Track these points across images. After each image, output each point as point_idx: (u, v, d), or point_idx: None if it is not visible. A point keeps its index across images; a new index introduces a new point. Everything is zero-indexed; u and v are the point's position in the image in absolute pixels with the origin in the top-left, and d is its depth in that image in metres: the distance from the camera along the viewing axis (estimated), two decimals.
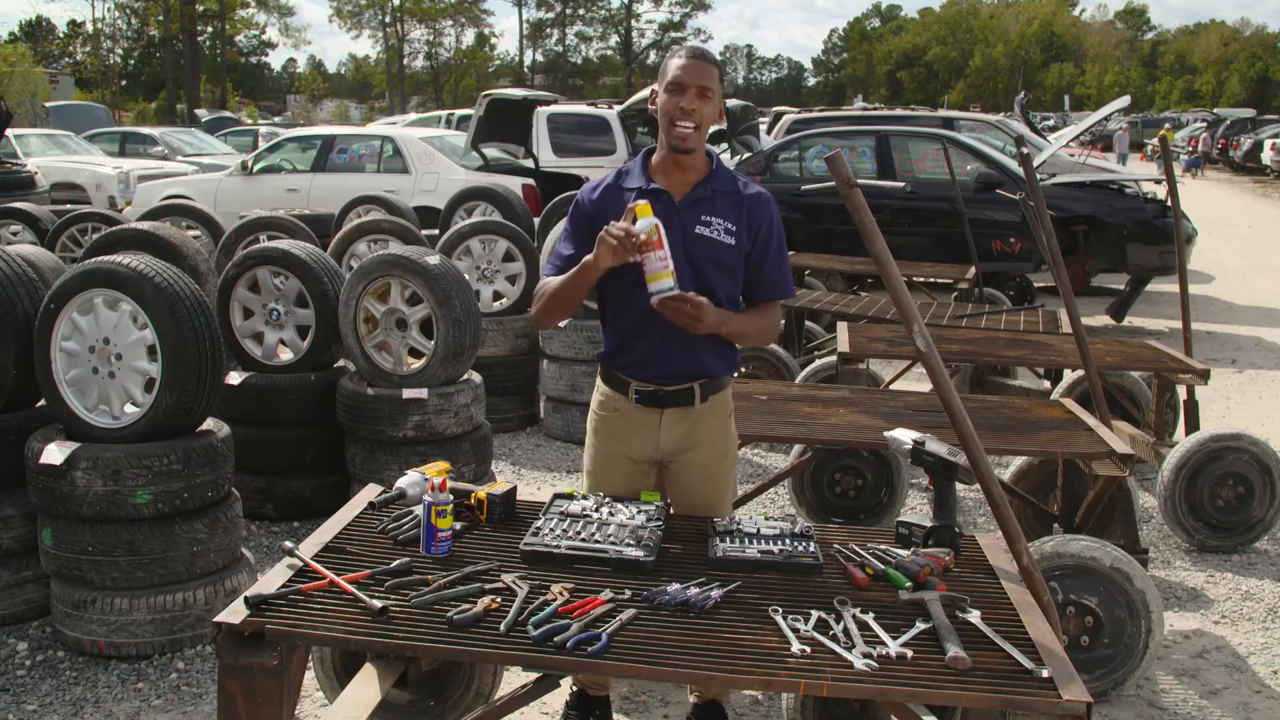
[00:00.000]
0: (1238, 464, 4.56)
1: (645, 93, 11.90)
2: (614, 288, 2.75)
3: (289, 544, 2.42)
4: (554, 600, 2.19)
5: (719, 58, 2.74)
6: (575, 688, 2.93)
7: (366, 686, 2.44)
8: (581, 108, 12.75)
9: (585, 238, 2.72)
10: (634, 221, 2.51)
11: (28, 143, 15.74)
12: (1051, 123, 33.09)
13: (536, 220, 8.13)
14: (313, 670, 2.88)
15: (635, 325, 2.71)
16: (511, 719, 2.61)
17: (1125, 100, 10.44)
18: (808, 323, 7.34)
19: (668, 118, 2.62)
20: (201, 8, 50.89)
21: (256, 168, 11.58)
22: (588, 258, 2.59)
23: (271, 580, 2.26)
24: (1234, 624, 3.94)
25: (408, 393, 4.47)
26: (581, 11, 69.33)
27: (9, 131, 13.45)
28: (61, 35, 59.97)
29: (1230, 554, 4.57)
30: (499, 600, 2.18)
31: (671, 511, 2.87)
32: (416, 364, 4.64)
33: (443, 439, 4.52)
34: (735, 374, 2.90)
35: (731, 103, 12.02)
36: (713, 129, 2.86)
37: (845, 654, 2.01)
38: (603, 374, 2.86)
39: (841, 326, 5.58)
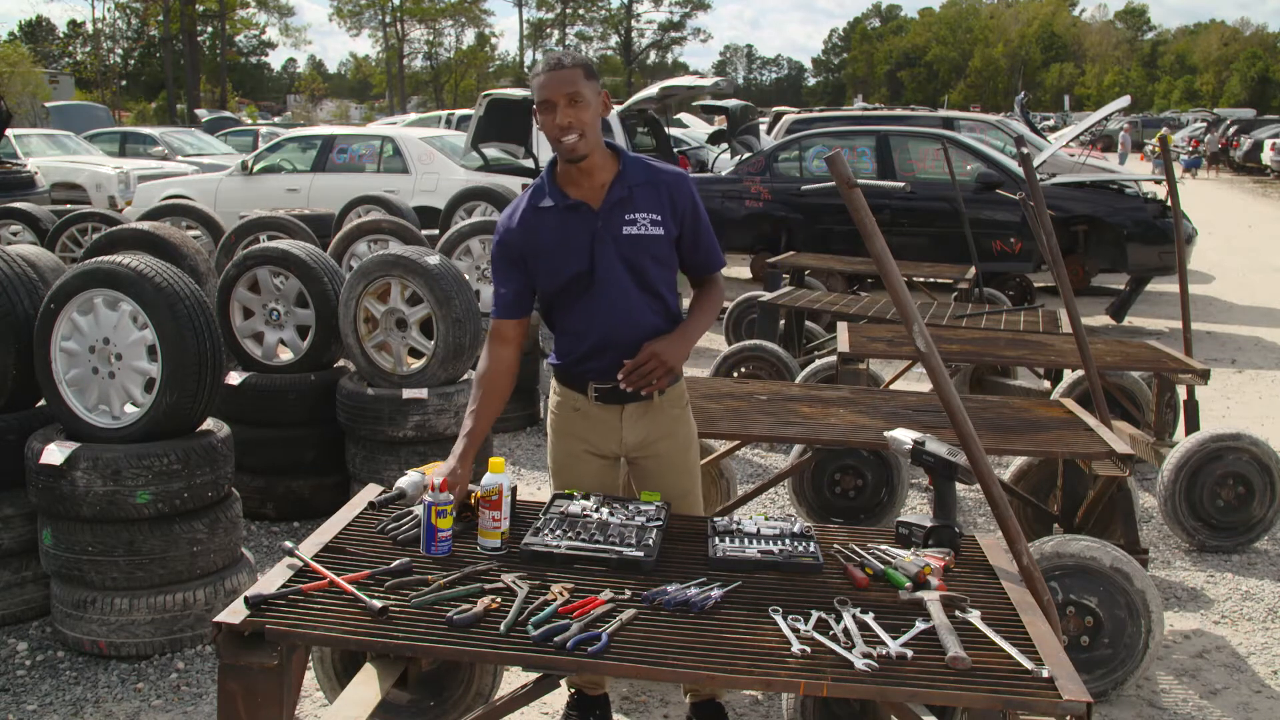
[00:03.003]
0: (1238, 464, 4.56)
1: (647, 91, 11.89)
2: (556, 309, 2.76)
3: (289, 544, 2.42)
4: (554, 600, 2.19)
5: (588, 58, 2.70)
6: (574, 688, 2.93)
7: (366, 686, 2.44)
8: None
9: (517, 271, 2.72)
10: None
11: (28, 143, 15.74)
12: (1051, 123, 33.12)
13: None
14: (313, 670, 2.88)
15: (589, 340, 2.72)
16: (511, 719, 2.61)
17: (1125, 100, 10.44)
18: (808, 323, 7.34)
19: (551, 136, 2.60)
20: (201, 8, 50.89)
21: (256, 168, 11.58)
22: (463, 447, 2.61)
23: (271, 580, 2.26)
24: (1234, 624, 3.94)
25: (408, 393, 4.46)
26: (581, 11, 69.32)
27: (9, 131, 13.46)
28: (61, 35, 60.05)
29: (1230, 554, 4.57)
30: (499, 600, 2.18)
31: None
32: (416, 364, 4.64)
33: (443, 439, 4.52)
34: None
35: (731, 103, 12.03)
36: (712, 129, 2.86)
37: (845, 654, 2.01)
38: (558, 375, 2.85)
39: (841, 326, 5.58)
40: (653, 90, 11.62)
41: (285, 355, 4.89)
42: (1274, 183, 29.72)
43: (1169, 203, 6.85)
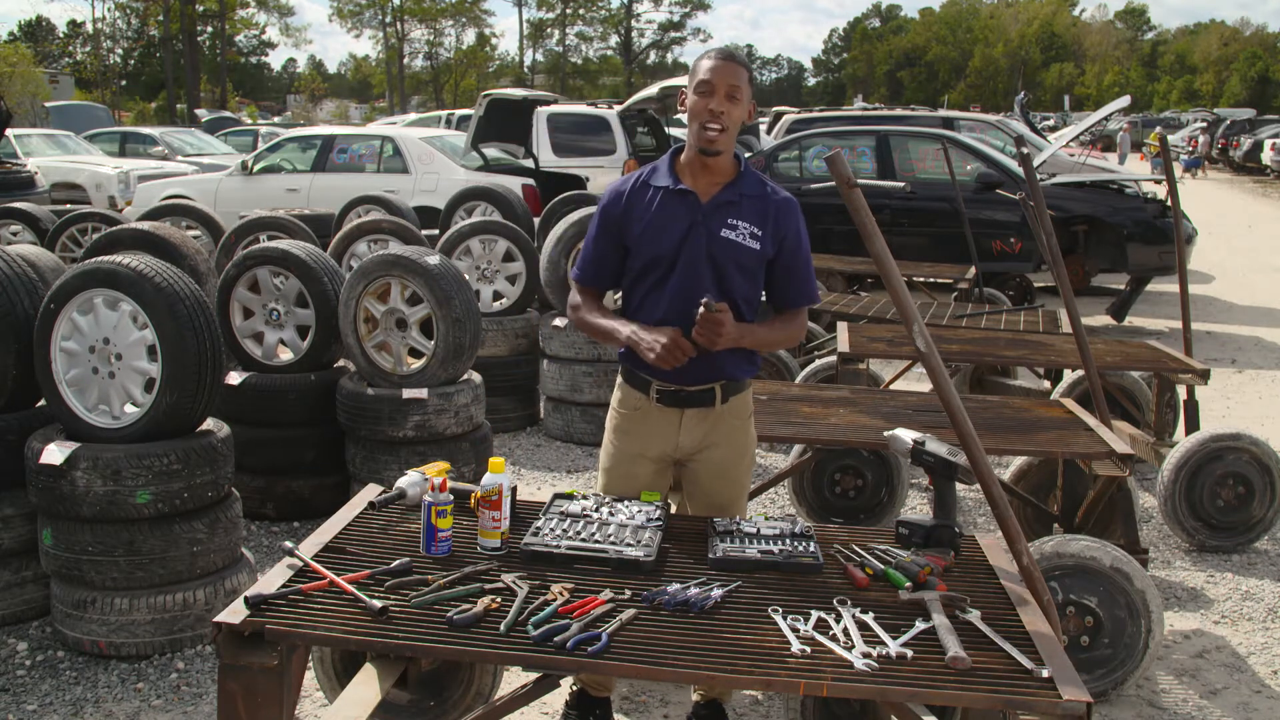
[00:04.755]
0: (1238, 464, 4.56)
1: (647, 91, 11.88)
2: (635, 291, 2.77)
3: (289, 544, 2.42)
4: (554, 600, 2.19)
5: (751, 64, 2.75)
6: (575, 687, 2.93)
7: (366, 686, 2.44)
8: (581, 108, 12.75)
9: (613, 238, 2.76)
10: None
11: (28, 143, 15.74)
12: (1051, 123, 33.11)
13: (536, 220, 8.13)
14: (313, 670, 2.88)
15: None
16: (511, 719, 2.61)
17: (1125, 100, 10.44)
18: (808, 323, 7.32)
19: (696, 119, 2.62)
20: (201, 8, 50.86)
21: (256, 168, 11.58)
22: (628, 333, 2.64)
23: (271, 580, 2.26)
24: (1234, 624, 3.94)
25: (408, 393, 4.46)
26: (581, 11, 69.26)
27: (9, 131, 13.45)
28: (61, 35, 60.03)
29: (1230, 554, 4.57)
30: (499, 600, 2.18)
31: (689, 510, 2.88)
32: (416, 364, 4.64)
33: (443, 439, 4.52)
34: (755, 376, 2.91)
35: None
36: None
37: (845, 654, 2.01)
38: (624, 373, 2.86)
39: (841, 326, 5.58)
40: (653, 90, 11.61)
41: (285, 355, 4.88)
42: (1274, 183, 29.72)
43: (1169, 203, 6.84)
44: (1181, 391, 5.29)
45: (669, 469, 2.85)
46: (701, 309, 2.55)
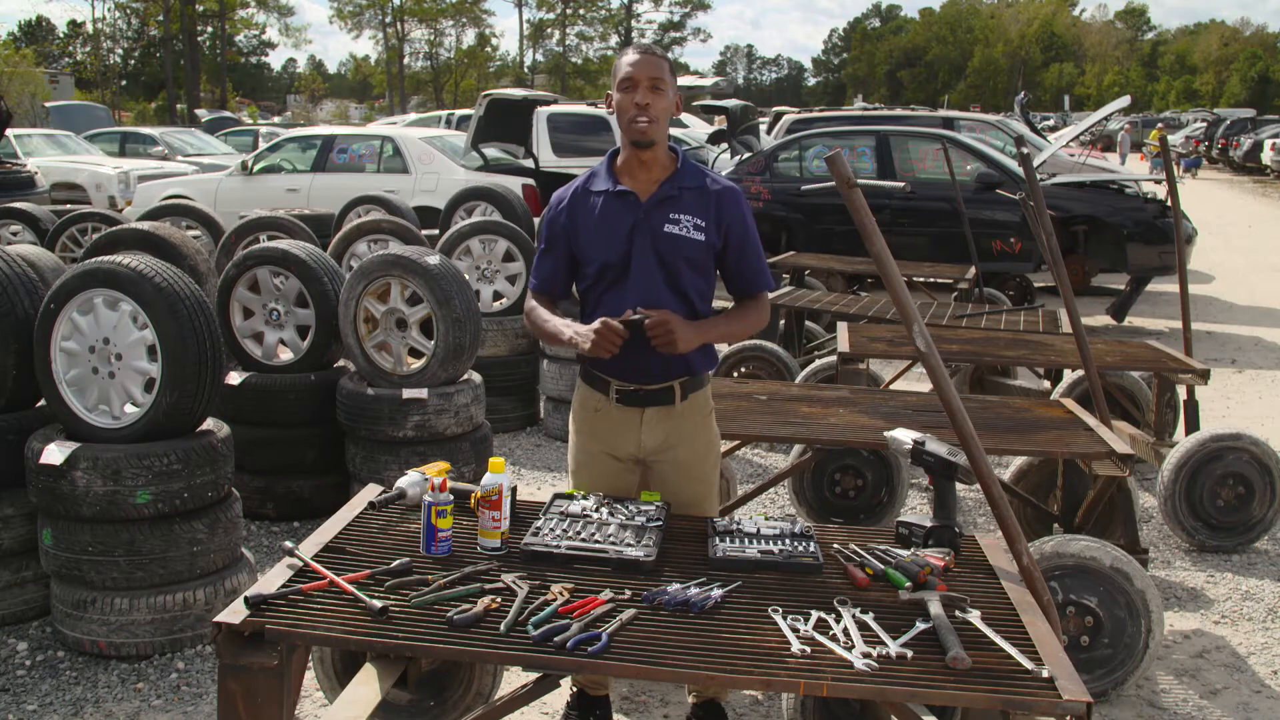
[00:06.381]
0: (1238, 464, 4.56)
1: None
2: (590, 296, 2.78)
3: (289, 544, 2.42)
4: (554, 600, 2.19)
5: (669, 55, 2.77)
6: (575, 688, 2.93)
7: (366, 686, 2.44)
8: (581, 108, 12.75)
9: (556, 250, 2.79)
10: None
11: (28, 143, 15.74)
12: (1051, 123, 33.12)
13: (536, 220, 8.13)
14: (313, 670, 2.88)
15: None
16: (511, 719, 2.61)
17: (1125, 100, 10.42)
18: (808, 323, 7.33)
19: (625, 115, 2.64)
20: (201, 8, 50.91)
21: (256, 168, 11.58)
22: (569, 334, 2.65)
23: (271, 580, 2.26)
24: (1234, 624, 3.94)
25: (408, 393, 4.46)
26: (582, 11, 69.25)
27: (9, 131, 13.45)
28: (61, 35, 60.05)
29: (1230, 554, 4.57)
30: (499, 600, 2.18)
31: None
32: (416, 364, 4.64)
33: (443, 439, 4.52)
34: (713, 371, 2.92)
35: (731, 103, 12.03)
36: (712, 129, 2.87)
37: (845, 654, 2.01)
38: (583, 374, 2.88)
39: (841, 326, 5.58)
40: None
41: (285, 355, 4.88)
42: (1274, 183, 29.72)
43: (1169, 203, 6.85)
44: (1181, 391, 5.29)
45: (635, 469, 2.85)
46: (631, 319, 2.57)
